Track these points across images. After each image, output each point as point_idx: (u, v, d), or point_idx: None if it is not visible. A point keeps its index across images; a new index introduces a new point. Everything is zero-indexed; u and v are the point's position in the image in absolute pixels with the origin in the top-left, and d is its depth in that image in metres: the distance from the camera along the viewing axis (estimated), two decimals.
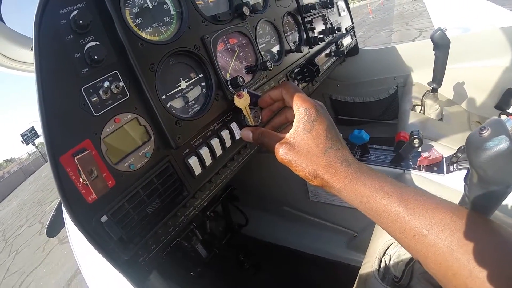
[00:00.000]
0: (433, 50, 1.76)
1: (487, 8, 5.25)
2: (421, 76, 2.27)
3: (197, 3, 0.95)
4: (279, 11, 1.41)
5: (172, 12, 0.88)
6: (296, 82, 1.43)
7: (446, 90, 2.13)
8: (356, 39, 2.39)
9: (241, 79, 0.95)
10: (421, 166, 1.32)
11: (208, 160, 0.88)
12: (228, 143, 0.95)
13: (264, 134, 0.73)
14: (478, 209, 0.58)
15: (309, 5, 1.61)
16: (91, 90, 0.66)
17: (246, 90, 0.87)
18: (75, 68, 0.64)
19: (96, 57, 0.64)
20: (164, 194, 0.78)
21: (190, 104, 0.89)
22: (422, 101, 1.97)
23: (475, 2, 6.19)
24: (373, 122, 2.65)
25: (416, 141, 1.26)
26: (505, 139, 0.53)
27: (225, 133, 0.94)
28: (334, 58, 1.87)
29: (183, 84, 0.87)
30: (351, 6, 2.51)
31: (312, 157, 0.63)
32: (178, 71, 0.87)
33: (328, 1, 1.83)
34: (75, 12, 0.63)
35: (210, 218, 1.90)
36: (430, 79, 1.93)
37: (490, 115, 2.07)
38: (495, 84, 2.05)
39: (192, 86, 0.90)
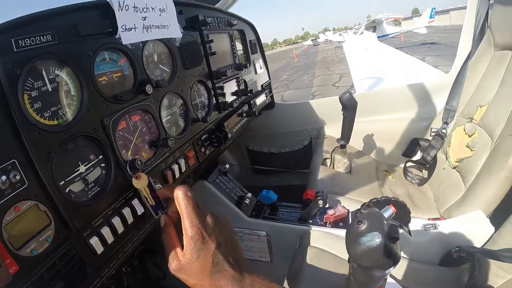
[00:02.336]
0: (342, 111, 2.02)
1: (397, 57, 6.09)
2: (334, 129, 2.56)
3: (99, 79, 1.00)
4: (188, 80, 1.50)
5: (72, 93, 0.91)
6: (203, 149, 1.53)
7: (356, 142, 2.41)
8: (272, 94, 2.61)
9: (139, 162, 1.02)
10: (328, 222, 1.45)
11: (109, 239, 0.93)
12: (130, 219, 1.01)
13: (166, 232, 0.79)
14: (360, 285, 0.67)
15: (221, 71, 1.74)
16: None
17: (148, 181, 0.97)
18: None
19: None
20: (68, 275, 0.82)
21: (89, 186, 0.93)
22: (331, 156, 2.20)
23: (386, 52, 7.17)
24: (288, 171, 2.86)
25: (320, 202, 1.39)
26: (378, 235, 0.64)
27: (126, 211, 1.00)
28: (246, 118, 2.00)
29: (82, 168, 0.91)
30: (277, 50, 2.75)
31: (199, 281, 0.70)
32: (76, 155, 0.90)
33: (243, 64, 2.00)
34: None
35: (127, 273, 1.91)
36: (340, 132, 2.17)
37: (397, 162, 2.41)
38: (401, 134, 2.41)
39: (92, 168, 0.94)
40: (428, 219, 1.65)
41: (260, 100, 2.25)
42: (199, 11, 1.71)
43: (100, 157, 0.97)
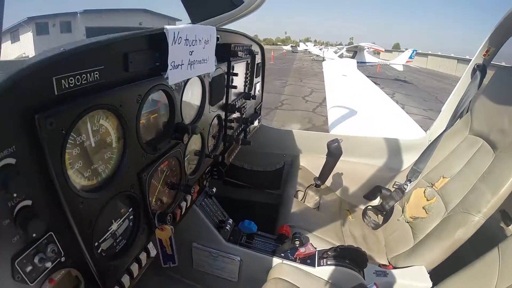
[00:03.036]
0: (326, 156, 2.24)
1: (375, 95, 6.37)
2: (308, 161, 2.79)
3: (140, 121, 0.94)
4: (209, 117, 1.50)
5: (113, 145, 0.85)
6: (205, 182, 1.61)
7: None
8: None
9: (169, 218, 1.05)
10: (297, 258, 1.65)
11: (127, 284, 0.95)
12: (144, 262, 1.04)
13: None
14: None
15: (235, 104, 1.77)
16: (24, 261, 0.62)
17: None
18: (4, 236, 0.59)
19: (29, 229, 0.60)
20: None
21: (117, 241, 0.93)
22: (305, 191, 2.43)
23: (366, 86, 7.45)
24: (257, 189, 3.01)
25: (297, 242, 1.59)
26: None
27: (143, 256, 1.03)
28: (239, 146, 2.12)
29: (115, 226, 0.90)
30: None
31: None
32: (111, 214, 0.88)
33: (252, 95, 2.05)
34: (2, 162, 0.56)
35: None
36: (315, 165, 2.47)
37: (358, 203, 2.69)
38: (367, 179, 2.69)
39: (121, 223, 0.93)
40: (379, 265, 1.89)
41: (254, 126, 2.38)
42: (227, 36, 1.69)
43: (130, 210, 0.96)
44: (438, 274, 1.78)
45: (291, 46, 55.55)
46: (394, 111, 4.74)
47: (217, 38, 1.31)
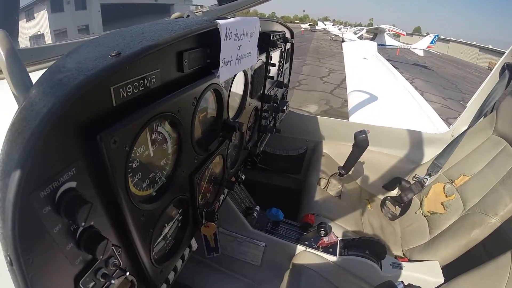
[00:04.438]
0: (353, 146, 2.26)
1: (398, 82, 6.26)
2: (330, 148, 2.83)
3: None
4: (249, 110, 1.48)
5: (169, 151, 0.83)
6: (239, 173, 1.62)
7: None
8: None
9: (216, 217, 1.07)
10: (320, 246, 1.72)
11: (172, 279, 0.98)
12: (186, 256, 1.06)
13: None
14: None
15: (271, 94, 1.78)
16: (88, 279, 0.61)
17: None
18: (68, 259, 0.56)
19: (97, 253, 0.57)
20: None
21: (168, 242, 0.94)
22: (328, 179, 2.48)
23: (387, 71, 7.29)
24: (278, 172, 3.07)
25: (323, 233, 1.64)
26: None
27: (186, 251, 1.05)
28: (269, 134, 2.13)
29: (167, 229, 0.91)
30: None
31: None
32: (164, 218, 0.87)
33: (284, 83, 2.04)
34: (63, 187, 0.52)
35: None
36: (337, 152, 2.55)
37: (377, 193, 2.73)
38: (387, 169, 2.72)
39: (172, 224, 0.94)
40: (395, 257, 1.95)
41: (283, 113, 2.40)
42: (263, 24, 1.59)
43: (180, 211, 0.97)
44: (449, 270, 1.84)
45: (309, 25, 54.34)
46: (416, 101, 4.68)
47: None
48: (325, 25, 50.04)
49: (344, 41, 16.70)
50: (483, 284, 1.55)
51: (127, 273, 0.72)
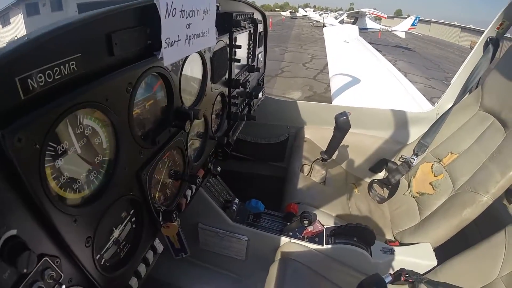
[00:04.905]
0: (334, 129, 2.17)
1: (379, 63, 6.23)
2: (312, 132, 2.75)
3: (134, 112, 0.82)
4: (212, 96, 1.39)
5: (104, 146, 0.74)
6: (209, 165, 1.51)
7: None
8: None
9: (174, 216, 0.98)
10: (305, 236, 1.64)
11: (135, 286, 0.91)
12: (151, 260, 0.99)
13: None
14: None
15: (239, 79, 1.66)
16: None
17: None
18: None
19: (19, 265, 0.52)
20: None
21: (121, 247, 0.86)
22: (311, 165, 2.39)
23: (368, 53, 7.27)
24: (260, 161, 3.00)
25: (306, 222, 1.55)
26: None
27: (150, 255, 0.99)
28: (244, 122, 2.05)
29: (116, 233, 0.83)
30: None
31: None
32: (110, 222, 0.80)
33: (255, 67, 1.94)
34: None
35: None
36: (320, 137, 2.47)
37: (364, 176, 2.67)
38: (373, 151, 2.65)
39: (123, 228, 0.85)
40: (385, 241, 1.88)
41: (258, 99, 2.31)
42: (228, 4, 1.55)
43: (132, 211, 0.89)
44: (442, 252, 1.78)
45: (290, 12, 54.18)
46: (399, 81, 4.63)
47: (217, 7, 1.18)
48: (306, 11, 49.97)
49: (325, 26, 16.66)
50: (478, 264, 1.49)
51: (63, 286, 0.64)
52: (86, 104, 0.64)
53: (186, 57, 1.05)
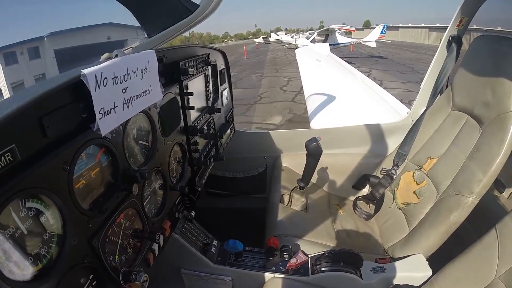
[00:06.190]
0: (306, 156, 2.16)
1: (348, 73, 6.31)
2: (289, 160, 2.74)
3: (77, 186, 0.83)
4: (166, 149, 1.39)
5: (51, 221, 0.75)
6: (177, 214, 1.52)
7: None
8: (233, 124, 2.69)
9: (133, 276, 0.97)
10: (290, 269, 1.60)
11: None
12: None
13: None
14: None
15: (197, 125, 1.66)
16: None
17: None
18: None
19: None
20: None
21: None
22: (290, 194, 2.37)
23: (341, 69, 7.39)
24: (242, 195, 2.97)
25: (286, 256, 1.53)
26: None
27: None
28: (213, 162, 2.04)
29: None
30: (228, 43, 2.64)
31: None
32: None
33: (216, 108, 1.92)
34: None
35: None
36: (297, 163, 2.44)
37: (347, 195, 2.64)
38: (353, 169, 2.64)
39: None
40: (376, 260, 1.85)
41: (226, 137, 2.29)
42: (176, 53, 1.60)
43: (91, 276, 0.88)
44: (437, 257, 1.75)
45: (263, 38, 55.31)
46: (374, 91, 4.69)
47: (161, 59, 1.21)
48: (278, 35, 51.19)
49: (297, 47, 16.99)
50: (474, 268, 1.44)
51: None
52: (25, 192, 0.66)
53: (128, 120, 1.04)
